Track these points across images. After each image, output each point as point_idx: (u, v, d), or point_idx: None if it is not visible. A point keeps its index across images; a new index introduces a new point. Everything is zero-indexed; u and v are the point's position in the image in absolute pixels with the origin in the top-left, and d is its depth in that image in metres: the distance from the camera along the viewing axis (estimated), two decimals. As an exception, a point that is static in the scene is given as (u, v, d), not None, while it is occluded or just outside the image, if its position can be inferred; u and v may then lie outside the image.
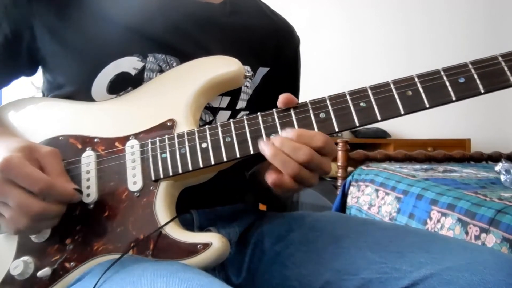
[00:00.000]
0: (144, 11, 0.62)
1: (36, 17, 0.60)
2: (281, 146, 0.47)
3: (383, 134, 2.90)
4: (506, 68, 0.47)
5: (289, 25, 0.78)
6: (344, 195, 1.87)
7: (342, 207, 1.85)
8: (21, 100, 0.63)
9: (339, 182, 1.98)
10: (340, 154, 1.98)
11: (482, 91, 0.47)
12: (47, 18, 0.60)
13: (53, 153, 0.51)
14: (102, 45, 0.59)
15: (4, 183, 0.46)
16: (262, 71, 0.70)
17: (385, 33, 3.09)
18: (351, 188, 1.85)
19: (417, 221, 1.33)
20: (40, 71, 0.67)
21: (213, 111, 0.64)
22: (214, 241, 0.48)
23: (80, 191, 0.51)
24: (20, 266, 0.51)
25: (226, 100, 0.65)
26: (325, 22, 3.02)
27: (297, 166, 0.47)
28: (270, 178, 0.49)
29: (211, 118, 0.64)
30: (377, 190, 1.66)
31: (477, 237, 1.07)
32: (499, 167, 1.55)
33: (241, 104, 0.66)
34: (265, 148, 0.48)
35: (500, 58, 0.48)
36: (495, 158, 2.22)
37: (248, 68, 0.66)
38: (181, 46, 0.62)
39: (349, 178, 1.90)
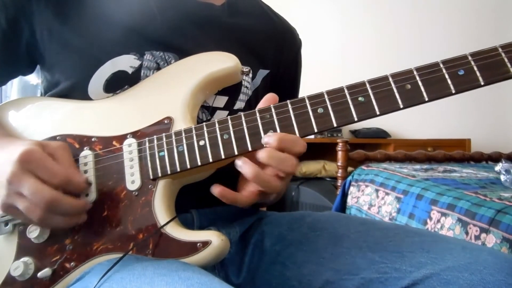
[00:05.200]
0: (142, 10, 0.62)
1: (35, 14, 0.60)
2: (268, 160, 0.47)
3: (383, 134, 2.90)
4: (506, 60, 0.46)
5: (291, 28, 0.77)
6: (344, 195, 1.87)
7: (342, 207, 1.85)
8: (18, 100, 0.63)
9: (339, 182, 1.98)
10: (340, 154, 1.98)
11: (482, 83, 0.46)
12: (46, 16, 0.60)
13: (63, 146, 0.52)
14: (99, 44, 0.59)
15: (23, 173, 0.46)
16: (262, 73, 0.70)
17: (384, 29, 3.09)
18: (351, 188, 1.85)
19: (417, 221, 1.33)
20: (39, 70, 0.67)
21: (211, 110, 0.64)
22: (214, 239, 0.48)
23: (89, 184, 0.53)
24: (20, 267, 0.51)
25: (224, 100, 0.64)
26: (322, 18, 3.02)
27: (279, 182, 0.48)
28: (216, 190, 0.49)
29: (208, 118, 0.63)
30: (377, 190, 1.66)
31: (477, 237, 1.07)
32: (499, 167, 1.55)
33: (239, 104, 0.66)
34: (244, 166, 0.48)
35: (500, 49, 0.47)
36: (495, 158, 2.22)
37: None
38: (179, 44, 0.62)
39: (349, 178, 1.90)
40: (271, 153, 0.47)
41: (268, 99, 0.52)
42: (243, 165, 0.48)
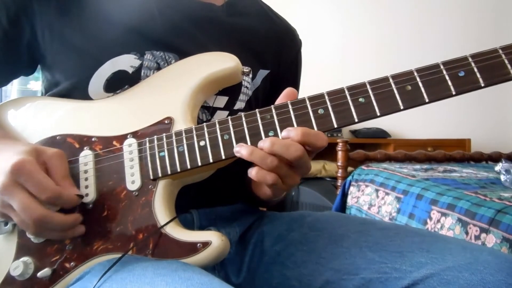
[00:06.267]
0: (143, 10, 0.62)
1: (36, 14, 0.60)
2: (272, 147, 0.47)
3: (383, 134, 2.90)
4: (506, 61, 0.46)
5: (291, 28, 0.77)
6: (344, 195, 1.87)
7: (342, 207, 1.85)
8: (18, 100, 0.63)
9: (339, 182, 1.98)
10: (340, 154, 1.98)
11: (483, 85, 0.46)
12: (47, 15, 0.60)
13: (59, 154, 0.51)
14: (100, 43, 0.59)
15: (13, 185, 0.46)
16: (263, 73, 0.70)
17: (384, 30, 3.09)
18: (351, 188, 1.85)
19: (417, 221, 1.33)
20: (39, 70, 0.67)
21: (211, 110, 0.64)
22: (214, 240, 0.48)
23: (81, 197, 0.52)
24: (20, 267, 0.51)
25: (224, 100, 0.64)
26: (323, 19, 3.02)
27: (276, 160, 0.47)
28: (253, 172, 0.48)
29: (208, 118, 0.63)
30: (377, 190, 1.66)
31: (477, 237, 1.07)
32: (499, 167, 1.55)
33: (239, 104, 0.66)
34: (240, 149, 0.48)
35: (500, 51, 0.47)
36: (495, 158, 2.22)
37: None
38: (180, 44, 0.62)
39: (349, 178, 1.90)
40: (273, 140, 0.47)
41: (288, 94, 0.52)
42: (239, 149, 0.48)
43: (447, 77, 0.47)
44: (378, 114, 0.48)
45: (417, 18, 3.11)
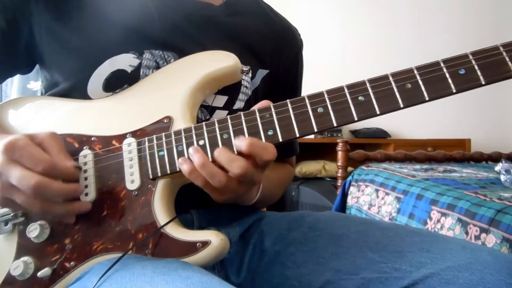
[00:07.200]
0: (141, 9, 0.62)
1: (33, 14, 0.60)
2: (218, 156, 0.48)
3: (383, 134, 2.90)
4: (507, 59, 0.46)
5: (291, 27, 0.77)
6: (344, 195, 1.87)
7: (342, 207, 1.85)
8: (17, 99, 0.63)
9: (339, 182, 1.98)
10: (340, 154, 1.98)
11: (483, 83, 0.46)
12: (45, 15, 0.60)
13: (52, 134, 0.51)
14: (98, 43, 0.59)
15: (9, 162, 0.47)
16: (262, 72, 0.70)
17: (384, 29, 3.09)
18: (351, 188, 1.85)
19: (417, 221, 1.33)
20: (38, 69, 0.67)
21: (210, 110, 0.64)
22: (213, 239, 0.48)
23: (79, 168, 0.52)
24: (20, 267, 0.51)
25: (223, 100, 0.64)
26: (323, 18, 3.02)
27: (224, 177, 0.47)
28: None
29: (207, 117, 0.63)
30: (377, 190, 1.66)
31: (477, 237, 1.07)
32: (499, 167, 1.56)
33: (239, 104, 0.66)
34: (183, 164, 0.49)
35: (501, 48, 0.46)
36: (495, 158, 2.22)
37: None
38: (178, 43, 0.62)
39: (349, 178, 1.90)
40: (220, 151, 0.48)
41: (263, 105, 0.52)
42: (182, 163, 0.49)
43: (447, 75, 0.47)
44: (378, 112, 0.48)
45: (417, 18, 3.11)
